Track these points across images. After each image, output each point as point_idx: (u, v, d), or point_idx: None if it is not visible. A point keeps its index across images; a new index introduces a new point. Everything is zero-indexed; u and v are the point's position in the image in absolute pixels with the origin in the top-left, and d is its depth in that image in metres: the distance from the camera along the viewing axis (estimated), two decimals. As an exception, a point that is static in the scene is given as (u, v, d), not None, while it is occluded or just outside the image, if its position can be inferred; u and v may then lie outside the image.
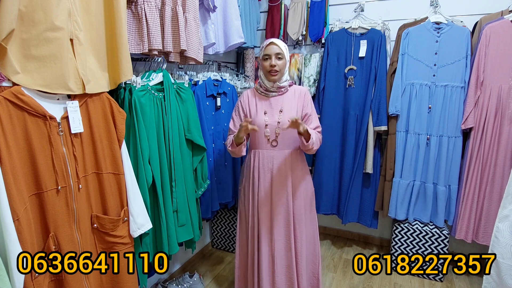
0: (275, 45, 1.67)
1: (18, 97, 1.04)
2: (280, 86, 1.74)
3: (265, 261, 1.77)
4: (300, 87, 1.83)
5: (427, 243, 2.33)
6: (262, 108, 1.76)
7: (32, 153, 1.08)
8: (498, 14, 2.14)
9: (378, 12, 2.56)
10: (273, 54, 1.67)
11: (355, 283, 2.33)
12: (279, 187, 1.75)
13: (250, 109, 1.78)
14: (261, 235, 1.77)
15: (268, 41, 1.70)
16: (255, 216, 1.79)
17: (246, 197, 1.84)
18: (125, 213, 1.37)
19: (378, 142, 2.47)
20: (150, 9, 1.53)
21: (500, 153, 2.06)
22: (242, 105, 1.81)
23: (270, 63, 1.67)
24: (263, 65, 1.71)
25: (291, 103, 1.76)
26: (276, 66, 1.67)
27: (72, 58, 1.17)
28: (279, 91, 1.76)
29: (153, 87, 1.58)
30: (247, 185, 1.83)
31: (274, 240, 1.75)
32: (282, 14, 2.70)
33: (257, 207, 1.78)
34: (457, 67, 2.18)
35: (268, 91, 1.77)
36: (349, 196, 2.51)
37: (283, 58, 1.69)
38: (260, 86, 1.79)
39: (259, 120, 1.73)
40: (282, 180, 1.75)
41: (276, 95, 1.77)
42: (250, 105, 1.79)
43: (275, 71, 1.68)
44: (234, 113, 1.83)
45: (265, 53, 1.69)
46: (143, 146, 1.48)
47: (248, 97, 1.81)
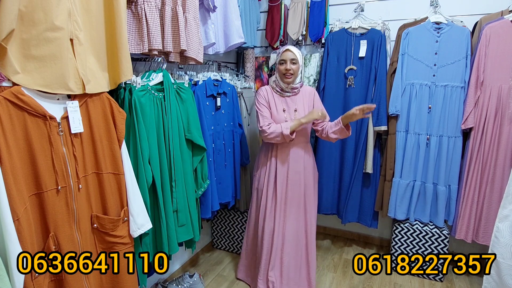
0: (290, 52, 1.92)
1: (18, 97, 1.04)
2: (294, 87, 1.99)
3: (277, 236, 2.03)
4: (308, 88, 2.09)
5: (427, 243, 2.33)
6: (281, 106, 2.01)
7: (32, 153, 1.08)
8: (498, 14, 2.14)
9: (378, 12, 2.56)
10: (288, 60, 1.91)
11: (355, 283, 2.33)
12: (294, 173, 2.02)
13: (271, 104, 2.00)
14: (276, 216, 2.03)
15: (284, 48, 1.95)
16: (269, 197, 2.05)
17: (261, 182, 2.08)
18: (125, 213, 1.37)
19: (378, 142, 2.47)
20: (150, 9, 1.53)
21: (500, 153, 2.06)
22: (265, 97, 2.01)
23: (286, 67, 1.91)
24: (279, 69, 1.96)
25: (303, 103, 2.02)
26: (291, 70, 1.91)
27: (72, 58, 1.17)
28: (292, 91, 2.01)
29: (153, 87, 1.58)
30: (263, 172, 2.07)
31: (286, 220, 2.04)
32: (282, 14, 2.70)
33: (273, 189, 2.04)
34: (457, 67, 2.18)
35: (283, 91, 2.01)
36: (349, 196, 2.51)
37: (297, 63, 1.93)
38: (276, 85, 2.02)
39: (280, 117, 1.97)
40: (297, 167, 2.02)
41: (290, 95, 2.02)
42: (270, 100, 2.01)
43: (290, 74, 1.93)
44: (259, 105, 2.00)
45: (282, 58, 1.93)
46: (143, 146, 1.48)
47: (268, 93, 2.03)
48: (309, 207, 2.07)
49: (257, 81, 2.89)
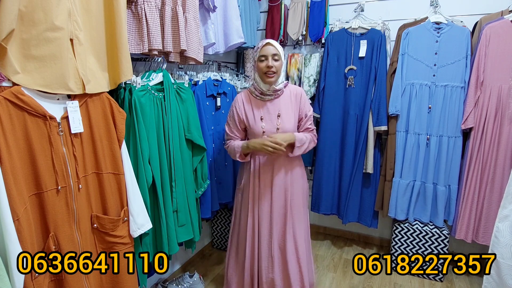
0: (271, 46, 1.63)
1: (18, 97, 1.04)
2: (276, 89, 1.71)
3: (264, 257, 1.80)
4: (295, 87, 1.80)
5: (427, 243, 2.33)
6: (258, 114, 1.72)
7: (32, 153, 1.08)
8: (498, 14, 2.14)
9: (378, 12, 2.56)
10: (269, 55, 1.63)
11: (355, 283, 2.33)
12: (279, 189, 1.78)
13: (247, 116, 1.74)
14: (261, 232, 1.79)
15: (264, 42, 1.66)
16: (255, 214, 1.80)
17: (245, 197, 1.84)
18: (125, 213, 1.37)
19: (378, 142, 2.47)
20: (150, 9, 1.53)
21: (500, 153, 2.06)
22: (237, 112, 1.76)
23: (267, 64, 1.63)
24: (259, 67, 1.65)
25: (287, 106, 1.74)
26: (273, 67, 1.63)
27: (72, 58, 1.17)
28: (275, 94, 1.72)
29: (153, 87, 1.58)
30: (246, 187, 1.83)
31: (273, 239, 1.78)
32: (282, 14, 2.70)
33: (257, 206, 1.80)
34: (457, 67, 2.18)
35: (264, 95, 1.72)
36: (349, 196, 2.51)
37: (280, 59, 1.65)
38: (255, 89, 1.74)
39: (257, 128, 1.71)
40: (281, 181, 1.77)
41: (272, 98, 1.73)
42: (247, 111, 1.74)
43: (272, 73, 1.64)
44: (229, 118, 1.80)
45: (262, 54, 1.65)
46: (143, 146, 1.48)
47: (243, 103, 1.76)
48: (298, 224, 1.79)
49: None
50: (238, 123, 1.78)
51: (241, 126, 1.80)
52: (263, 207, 1.79)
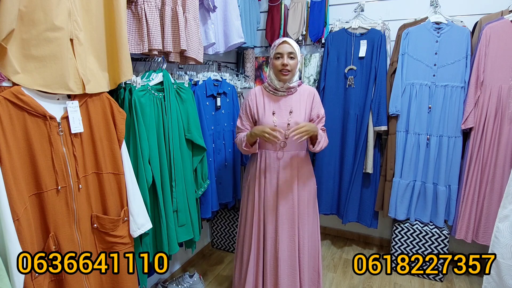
0: (288, 44, 1.63)
1: (18, 97, 1.04)
2: (290, 86, 1.71)
3: (270, 259, 1.77)
4: (308, 87, 1.80)
5: (427, 243, 2.33)
6: (270, 108, 1.73)
7: (32, 153, 1.08)
8: (498, 14, 2.14)
9: (378, 12, 2.56)
10: (285, 53, 1.63)
11: (355, 283, 2.33)
12: (285, 187, 1.75)
13: (258, 109, 1.75)
14: (266, 233, 1.77)
15: (281, 40, 1.66)
16: (260, 213, 1.79)
17: (251, 194, 1.82)
18: (125, 213, 1.37)
19: (378, 142, 2.47)
20: (150, 9, 1.53)
21: (500, 153, 2.06)
22: (249, 104, 1.77)
23: (282, 62, 1.63)
24: (275, 64, 1.66)
25: (300, 103, 1.74)
26: (288, 65, 1.63)
27: (72, 58, 1.17)
28: (288, 91, 1.73)
29: (153, 87, 1.58)
30: (252, 183, 1.81)
31: (279, 239, 1.75)
32: (282, 14, 2.70)
33: (263, 205, 1.78)
34: (457, 67, 2.18)
35: (277, 91, 1.73)
36: (349, 196, 2.51)
37: (295, 58, 1.66)
38: (269, 85, 1.76)
39: (267, 121, 1.70)
40: (288, 180, 1.74)
41: (285, 95, 1.74)
42: (258, 104, 1.76)
43: (286, 71, 1.64)
44: (242, 111, 1.81)
45: (278, 51, 1.65)
46: (143, 146, 1.48)
47: (256, 96, 1.77)
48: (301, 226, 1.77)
49: (257, 81, 2.89)
50: (249, 116, 1.78)
51: (252, 118, 1.79)
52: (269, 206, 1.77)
